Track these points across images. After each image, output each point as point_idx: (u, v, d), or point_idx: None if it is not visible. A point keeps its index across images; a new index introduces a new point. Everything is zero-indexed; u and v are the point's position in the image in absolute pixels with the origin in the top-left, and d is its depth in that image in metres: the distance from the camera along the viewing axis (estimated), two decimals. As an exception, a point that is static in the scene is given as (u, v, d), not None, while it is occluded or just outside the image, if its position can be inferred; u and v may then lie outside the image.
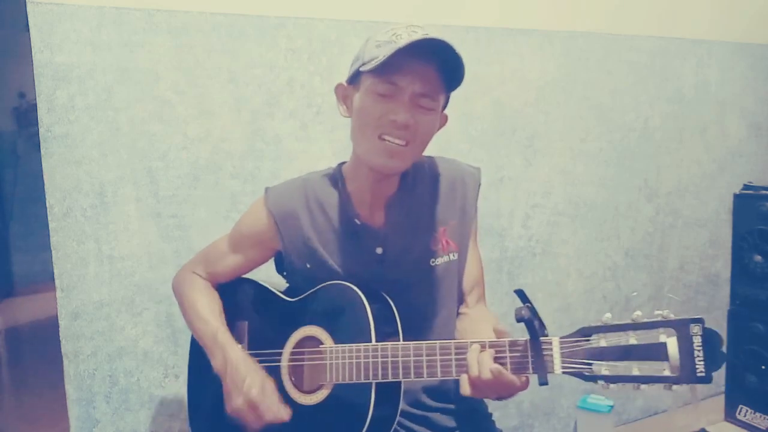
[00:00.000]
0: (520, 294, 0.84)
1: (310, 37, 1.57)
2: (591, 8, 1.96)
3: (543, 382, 0.82)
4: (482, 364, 0.86)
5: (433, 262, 1.09)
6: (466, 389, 0.88)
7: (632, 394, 2.18)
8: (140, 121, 1.42)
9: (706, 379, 0.74)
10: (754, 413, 2.19)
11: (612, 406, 1.96)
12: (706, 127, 2.24)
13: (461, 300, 1.16)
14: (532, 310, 0.83)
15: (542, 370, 0.83)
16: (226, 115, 1.50)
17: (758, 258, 2.13)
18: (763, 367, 2.12)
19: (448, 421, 1.12)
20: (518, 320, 0.82)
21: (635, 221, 2.13)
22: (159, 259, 1.46)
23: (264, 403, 0.97)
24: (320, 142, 1.60)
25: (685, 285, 2.26)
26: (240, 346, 1.06)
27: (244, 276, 1.19)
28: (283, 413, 0.98)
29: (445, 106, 1.06)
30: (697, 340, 0.74)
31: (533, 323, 0.82)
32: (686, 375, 0.74)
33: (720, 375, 2.29)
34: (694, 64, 2.17)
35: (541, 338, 0.84)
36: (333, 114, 1.61)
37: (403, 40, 0.92)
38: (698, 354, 0.74)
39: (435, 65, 0.96)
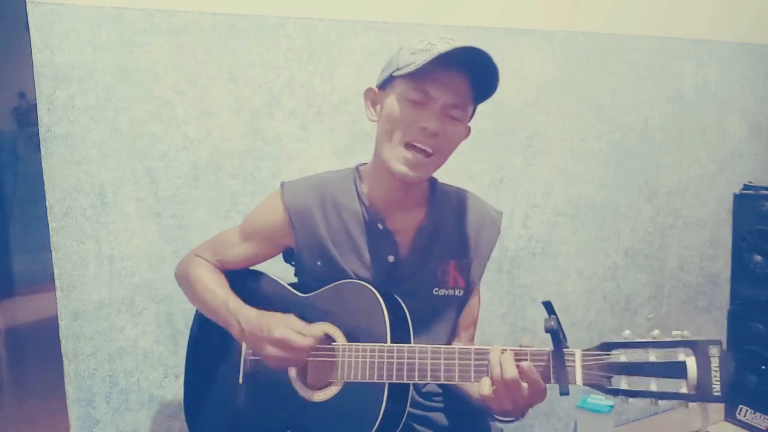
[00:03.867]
0: (548, 306, 0.86)
1: (310, 37, 1.57)
2: (591, 8, 1.96)
3: (564, 392, 0.85)
4: (505, 364, 0.87)
5: (436, 291, 1.09)
6: (486, 389, 0.89)
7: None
8: (140, 121, 1.42)
9: (722, 399, 0.78)
10: (754, 413, 2.19)
11: (612, 406, 1.96)
12: (706, 127, 2.24)
13: (454, 334, 1.17)
14: (558, 322, 0.86)
15: (564, 380, 0.85)
16: (226, 115, 1.50)
17: (758, 258, 2.14)
18: (763, 367, 2.12)
19: (449, 421, 1.13)
20: (546, 330, 0.85)
21: (635, 221, 2.13)
22: (159, 259, 1.46)
23: (290, 333, 0.97)
24: (320, 142, 1.60)
25: (685, 285, 2.26)
26: (252, 308, 1.05)
27: (254, 269, 1.19)
28: (316, 331, 0.99)
29: (471, 117, 1.06)
30: (715, 361, 0.78)
31: (559, 335, 0.85)
32: (703, 393, 0.78)
33: (720, 375, 2.29)
34: (694, 64, 2.17)
35: (564, 350, 0.86)
36: (333, 114, 1.61)
37: (440, 48, 0.93)
38: (715, 374, 0.78)
39: (468, 76, 0.97)
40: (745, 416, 2.22)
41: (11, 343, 3.44)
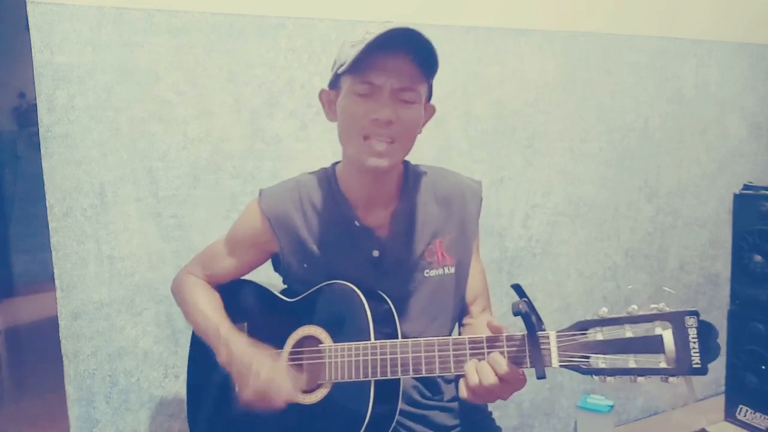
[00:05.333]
0: (517, 288, 0.84)
1: (310, 37, 1.57)
2: (591, 8, 1.96)
3: (541, 376, 0.82)
4: (482, 373, 0.85)
5: (427, 273, 1.09)
6: (464, 394, 0.88)
7: (632, 394, 2.18)
8: (140, 121, 1.42)
9: (702, 371, 0.74)
10: (754, 413, 2.19)
11: (612, 406, 1.96)
12: (706, 127, 2.24)
13: (465, 311, 1.17)
14: (529, 305, 0.83)
15: (540, 364, 0.83)
16: (226, 115, 1.50)
17: (758, 258, 2.14)
18: (763, 367, 2.12)
19: (448, 420, 1.13)
20: (515, 314, 0.82)
21: (635, 221, 2.13)
22: (159, 259, 1.46)
23: (273, 386, 0.96)
24: (320, 142, 1.60)
25: (685, 285, 2.26)
26: (244, 336, 1.05)
27: (243, 278, 1.20)
28: (297, 391, 0.98)
29: (429, 97, 1.05)
30: (693, 332, 0.75)
31: (530, 317, 0.83)
32: (682, 367, 0.75)
33: (720, 375, 2.29)
34: (694, 64, 2.17)
35: (539, 332, 0.84)
36: (333, 114, 1.61)
37: (372, 35, 0.92)
38: (694, 346, 0.75)
39: (410, 56, 0.95)
40: (745, 416, 2.22)
41: (11, 343, 3.44)
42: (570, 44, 1.93)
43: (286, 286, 1.19)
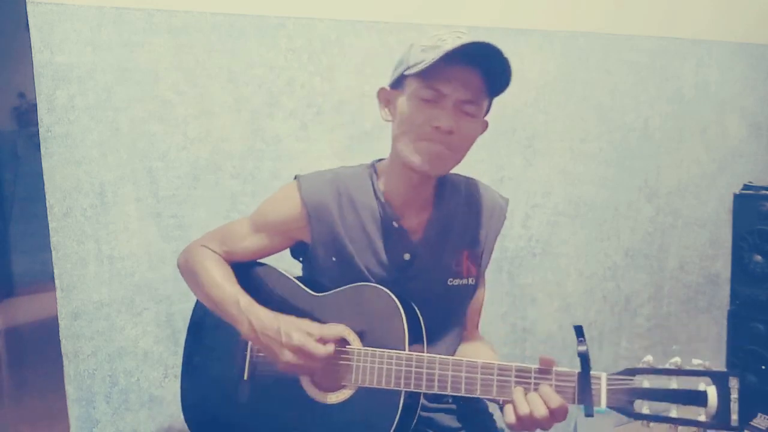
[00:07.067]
0: (578, 330, 0.89)
1: (310, 37, 1.57)
2: (591, 8, 1.96)
3: (589, 414, 0.87)
4: (533, 404, 0.87)
5: (451, 282, 1.09)
6: (511, 419, 0.88)
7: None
8: (140, 121, 1.42)
9: (739, 429, 0.82)
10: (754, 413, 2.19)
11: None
12: (706, 127, 2.24)
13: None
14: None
15: (589, 402, 0.87)
16: (226, 115, 1.50)
17: (758, 258, 2.13)
18: (763, 367, 2.12)
19: (452, 422, 1.12)
20: (579, 354, 0.87)
21: (635, 221, 2.13)
22: (159, 259, 1.46)
23: (310, 342, 0.95)
24: (320, 142, 1.60)
25: (685, 285, 2.26)
26: (264, 308, 1.03)
27: (263, 261, 1.16)
28: (331, 347, 0.97)
29: (487, 112, 1.05)
30: (735, 393, 0.82)
31: (588, 359, 0.87)
32: (721, 422, 0.82)
33: (720, 375, 2.29)
34: (694, 64, 2.17)
35: (591, 373, 0.88)
36: (333, 114, 1.61)
37: (449, 45, 0.92)
38: (734, 406, 0.82)
39: (480, 70, 0.95)
40: (745, 416, 2.21)
41: (11, 343, 3.44)
42: (570, 44, 1.93)
43: (303, 274, 1.16)
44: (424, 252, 1.08)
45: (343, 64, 1.61)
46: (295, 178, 1.11)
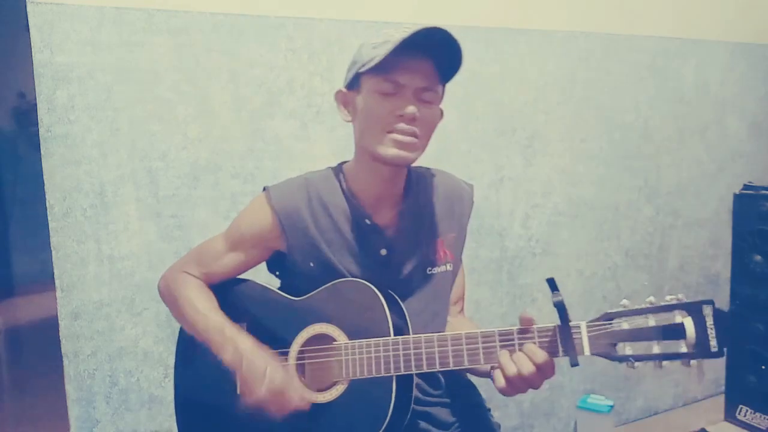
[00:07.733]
0: (551, 282, 0.91)
1: (310, 37, 1.57)
2: (591, 8, 1.96)
3: (575, 363, 0.88)
4: (520, 362, 0.89)
5: (430, 270, 1.11)
6: (501, 383, 0.90)
7: (632, 394, 2.18)
8: (140, 121, 1.42)
9: (719, 354, 0.84)
10: (754, 413, 2.19)
11: (612, 406, 1.96)
12: (706, 127, 2.24)
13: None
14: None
15: (573, 352, 0.89)
16: (226, 115, 1.50)
17: (758, 258, 2.13)
18: (763, 367, 2.12)
19: (448, 416, 1.14)
20: (555, 305, 0.89)
21: (635, 221, 2.13)
22: (159, 259, 1.46)
23: (290, 388, 0.97)
24: (320, 142, 1.60)
25: (685, 285, 2.26)
26: (250, 336, 1.04)
27: (239, 276, 1.18)
28: (308, 397, 0.98)
29: (441, 99, 1.07)
30: (710, 320, 0.85)
31: (566, 309, 0.89)
32: (702, 350, 0.84)
33: (720, 375, 2.29)
34: (694, 64, 2.17)
35: (570, 323, 0.90)
36: (333, 114, 1.61)
37: (399, 36, 0.94)
38: (711, 332, 0.85)
39: (432, 58, 0.98)
40: (745, 416, 2.21)
41: (11, 343, 3.44)
42: (570, 44, 1.93)
43: (281, 284, 1.17)
44: (400, 245, 1.09)
45: (343, 64, 1.59)
46: (264, 189, 1.12)
